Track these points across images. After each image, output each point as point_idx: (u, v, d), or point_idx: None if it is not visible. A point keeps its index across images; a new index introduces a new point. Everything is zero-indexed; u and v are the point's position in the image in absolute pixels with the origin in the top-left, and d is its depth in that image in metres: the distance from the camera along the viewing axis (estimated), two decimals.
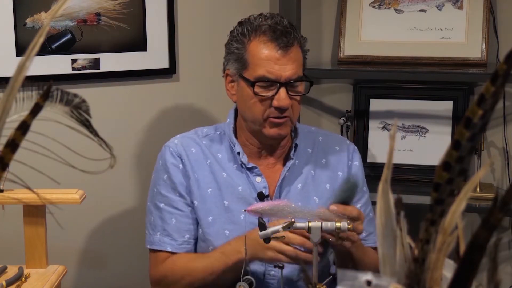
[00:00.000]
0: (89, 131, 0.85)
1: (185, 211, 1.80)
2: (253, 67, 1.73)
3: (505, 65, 0.64)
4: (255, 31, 1.74)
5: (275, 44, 1.72)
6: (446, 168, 0.67)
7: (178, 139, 1.85)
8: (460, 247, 0.75)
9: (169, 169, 1.81)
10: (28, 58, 0.74)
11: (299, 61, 1.75)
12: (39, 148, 0.83)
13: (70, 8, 2.17)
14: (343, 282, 0.69)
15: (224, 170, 1.82)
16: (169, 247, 1.78)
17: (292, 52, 1.73)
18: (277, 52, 1.71)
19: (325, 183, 1.84)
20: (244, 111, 1.79)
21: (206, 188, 1.80)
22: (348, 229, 1.50)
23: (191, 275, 1.74)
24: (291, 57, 1.72)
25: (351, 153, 1.89)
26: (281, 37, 1.72)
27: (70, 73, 2.21)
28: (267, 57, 1.72)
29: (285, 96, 1.71)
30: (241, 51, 1.75)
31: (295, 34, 1.75)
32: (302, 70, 1.77)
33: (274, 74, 1.71)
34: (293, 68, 1.72)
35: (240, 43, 1.76)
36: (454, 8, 2.49)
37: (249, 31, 1.75)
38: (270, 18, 1.77)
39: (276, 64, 1.71)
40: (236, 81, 1.78)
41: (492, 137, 2.53)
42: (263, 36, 1.73)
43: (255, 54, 1.73)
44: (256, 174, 1.80)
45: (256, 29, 1.74)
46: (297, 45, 1.76)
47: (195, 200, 1.79)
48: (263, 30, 1.74)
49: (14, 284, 1.57)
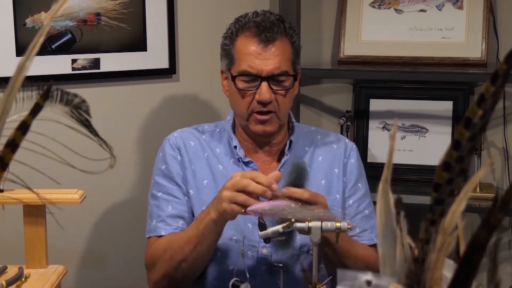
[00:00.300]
0: (89, 131, 0.85)
1: (181, 199, 1.81)
2: (238, 62, 1.78)
3: (505, 65, 0.64)
4: (242, 28, 1.79)
5: (257, 39, 1.75)
6: (446, 168, 0.67)
7: (178, 132, 1.90)
8: (460, 247, 0.75)
9: (167, 160, 1.85)
10: (28, 58, 0.74)
11: (284, 56, 1.77)
12: (39, 148, 0.83)
13: (70, 8, 2.17)
14: (343, 282, 0.69)
15: (221, 163, 1.85)
16: (162, 232, 1.78)
17: (275, 46, 1.75)
18: (258, 46, 1.75)
19: (321, 180, 1.84)
20: (233, 107, 1.84)
21: (202, 180, 1.82)
22: (348, 229, 1.50)
23: (171, 248, 1.72)
24: (273, 51, 1.75)
25: (348, 150, 1.89)
26: (264, 32, 1.75)
27: (70, 73, 2.21)
28: (249, 52, 1.76)
29: (266, 90, 1.74)
30: (229, 47, 1.80)
31: (280, 29, 1.77)
32: (289, 65, 1.78)
33: (255, 68, 1.75)
34: (275, 63, 1.75)
35: (229, 39, 1.81)
36: (454, 8, 2.49)
37: (236, 28, 1.80)
38: (259, 15, 1.80)
39: (257, 58, 1.75)
40: (228, 77, 1.82)
41: (492, 137, 2.53)
42: (248, 32, 1.77)
43: (240, 50, 1.78)
44: (252, 168, 1.82)
45: (243, 26, 1.79)
46: (284, 39, 1.78)
47: (191, 190, 1.81)
48: (248, 26, 1.78)
49: (14, 284, 1.57)
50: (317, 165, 1.87)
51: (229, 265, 1.78)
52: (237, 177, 1.57)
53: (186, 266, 1.71)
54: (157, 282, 1.76)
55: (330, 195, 1.82)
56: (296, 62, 1.82)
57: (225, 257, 1.78)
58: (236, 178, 1.57)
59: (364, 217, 1.84)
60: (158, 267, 1.75)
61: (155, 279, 1.76)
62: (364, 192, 1.87)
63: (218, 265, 1.79)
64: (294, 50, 1.81)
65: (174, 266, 1.71)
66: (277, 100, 1.77)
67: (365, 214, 1.85)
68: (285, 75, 1.77)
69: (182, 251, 1.69)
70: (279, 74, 1.76)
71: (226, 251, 1.78)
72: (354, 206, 1.84)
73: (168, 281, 1.75)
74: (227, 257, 1.78)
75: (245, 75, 1.76)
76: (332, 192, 1.84)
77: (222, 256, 1.78)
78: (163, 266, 1.74)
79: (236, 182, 1.55)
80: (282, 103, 1.78)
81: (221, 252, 1.78)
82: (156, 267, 1.76)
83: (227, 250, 1.78)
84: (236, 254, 1.77)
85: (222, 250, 1.78)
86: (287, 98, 1.79)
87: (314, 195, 1.57)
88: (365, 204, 1.86)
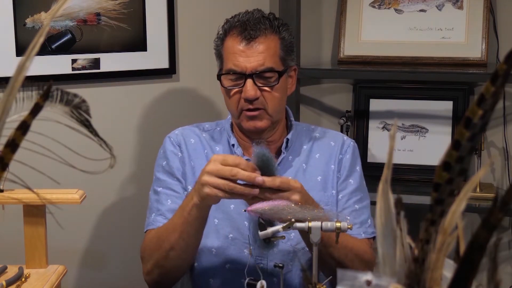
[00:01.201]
0: (89, 131, 0.85)
1: (181, 194, 1.82)
2: (225, 62, 1.81)
3: (505, 65, 0.64)
4: (229, 28, 1.81)
5: (241, 37, 1.77)
6: (446, 168, 0.67)
7: (179, 130, 1.92)
8: (460, 247, 0.75)
9: (168, 156, 1.86)
10: (28, 58, 0.74)
11: (269, 52, 1.77)
12: (39, 148, 0.83)
13: (70, 8, 2.17)
14: (343, 282, 0.69)
15: None
16: (160, 225, 1.78)
17: (259, 43, 1.76)
18: (241, 44, 1.77)
19: (317, 176, 1.85)
20: (226, 106, 1.85)
21: None
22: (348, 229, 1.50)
23: (159, 237, 1.72)
24: (256, 48, 1.76)
25: (345, 147, 1.89)
26: (247, 30, 1.77)
27: (70, 73, 2.21)
28: (233, 51, 1.78)
29: (251, 87, 1.75)
30: (219, 47, 1.83)
31: (265, 26, 1.78)
32: (276, 61, 1.79)
33: (239, 66, 1.76)
34: (258, 60, 1.76)
35: (220, 40, 1.83)
36: (454, 8, 2.49)
37: (225, 29, 1.82)
38: (248, 14, 1.82)
39: (240, 56, 1.77)
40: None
41: (492, 137, 2.53)
42: (234, 31, 1.79)
43: (226, 49, 1.80)
44: None
45: (230, 26, 1.81)
46: (271, 35, 1.78)
47: (189, 186, 1.82)
48: (234, 26, 1.80)
49: (14, 284, 1.57)
50: (314, 162, 1.87)
51: (225, 263, 1.78)
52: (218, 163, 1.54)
53: (174, 255, 1.70)
54: (149, 273, 1.77)
55: (327, 191, 1.83)
56: (286, 58, 1.81)
57: (222, 255, 1.79)
58: (218, 165, 1.53)
59: (353, 212, 1.83)
60: (148, 258, 1.76)
61: (147, 270, 1.77)
62: (355, 188, 1.86)
63: (214, 262, 1.79)
64: (283, 46, 1.80)
65: (163, 255, 1.71)
66: (264, 96, 1.77)
67: (355, 208, 1.84)
68: (270, 71, 1.77)
69: (168, 239, 1.69)
70: (263, 71, 1.76)
71: (222, 249, 1.79)
72: (343, 200, 1.84)
73: (159, 272, 1.75)
74: (223, 255, 1.79)
75: (230, 74, 1.78)
76: (328, 188, 1.84)
77: (218, 254, 1.79)
78: (153, 256, 1.74)
79: (223, 170, 1.52)
80: (270, 100, 1.78)
81: (217, 250, 1.79)
82: (147, 257, 1.77)
83: (223, 248, 1.79)
84: (232, 252, 1.78)
85: (219, 248, 1.79)
86: (277, 95, 1.79)
87: (286, 181, 1.54)
88: (355, 199, 1.85)
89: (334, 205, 1.83)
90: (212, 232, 1.79)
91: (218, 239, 1.79)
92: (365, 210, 1.85)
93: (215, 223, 1.79)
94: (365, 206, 1.86)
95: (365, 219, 1.83)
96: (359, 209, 1.84)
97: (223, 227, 1.80)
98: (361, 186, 1.88)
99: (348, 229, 1.49)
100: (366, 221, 1.83)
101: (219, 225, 1.79)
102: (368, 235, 1.82)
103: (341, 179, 1.85)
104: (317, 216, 1.49)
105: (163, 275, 1.75)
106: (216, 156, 1.56)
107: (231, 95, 1.79)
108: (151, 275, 1.77)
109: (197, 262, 1.82)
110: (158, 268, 1.74)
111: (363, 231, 1.81)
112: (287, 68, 1.82)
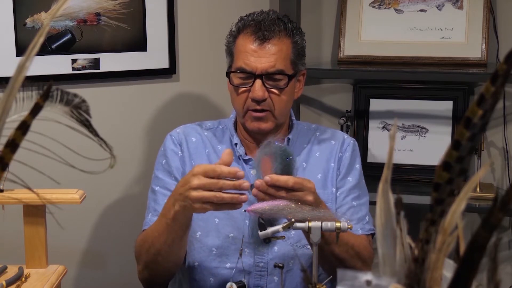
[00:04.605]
0: (89, 131, 0.85)
1: None
2: (236, 59, 1.80)
3: (505, 65, 0.64)
4: (243, 26, 1.80)
5: (254, 37, 1.77)
6: (446, 168, 0.67)
7: (181, 128, 1.92)
8: (460, 247, 0.75)
9: (168, 154, 1.86)
10: (28, 58, 0.73)
11: (281, 54, 1.77)
12: (39, 148, 0.83)
13: (70, 8, 2.17)
14: (343, 282, 0.69)
15: None
16: None
17: (272, 44, 1.76)
18: (254, 44, 1.76)
19: (317, 174, 1.85)
20: (232, 104, 1.85)
21: None
22: (348, 229, 1.50)
23: (147, 241, 1.73)
24: (269, 50, 1.76)
25: (345, 146, 1.89)
26: (261, 30, 1.76)
27: (70, 73, 2.21)
28: (246, 50, 1.77)
29: (259, 88, 1.75)
30: (231, 45, 1.83)
31: (279, 28, 1.78)
32: (287, 64, 1.78)
33: (250, 66, 1.76)
34: (270, 61, 1.75)
35: (232, 37, 1.83)
36: (454, 8, 2.49)
37: (238, 27, 1.82)
38: (262, 14, 1.82)
39: (252, 56, 1.76)
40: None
41: (492, 137, 2.53)
42: (247, 30, 1.79)
43: (238, 47, 1.80)
44: (252, 166, 1.82)
45: (244, 24, 1.80)
46: (284, 38, 1.78)
47: None
48: (248, 25, 1.79)
49: (14, 284, 1.57)
50: (314, 160, 1.87)
51: (225, 263, 1.78)
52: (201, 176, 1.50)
53: (162, 260, 1.70)
54: (140, 272, 1.79)
55: (326, 189, 1.83)
56: (297, 62, 1.81)
57: (222, 254, 1.79)
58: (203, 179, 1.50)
59: (351, 208, 1.83)
60: (139, 259, 1.77)
61: (139, 269, 1.79)
62: (354, 185, 1.86)
63: (214, 262, 1.79)
64: (295, 50, 1.80)
65: (151, 259, 1.72)
66: (272, 98, 1.77)
67: (352, 205, 1.83)
68: (281, 74, 1.77)
69: (154, 245, 1.69)
70: (273, 73, 1.76)
71: (223, 248, 1.79)
72: (341, 197, 1.84)
73: (149, 273, 1.76)
74: (223, 255, 1.79)
75: (240, 72, 1.78)
76: (327, 185, 1.84)
77: (218, 253, 1.79)
78: (143, 258, 1.75)
79: (210, 183, 1.50)
80: (278, 102, 1.78)
81: (217, 249, 1.79)
82: (138, 258, 1.78)
83: (224, 248, 1.79)
84: (233, 251, 1.78)
85: (219, 247, 1.79)
86: (284, 98, 1.79)
87: (300, 181, 1.54)
88: (353, 196, 1.84)
89: (333, 202, 1.83)
90: (212, 231, 1.79)
91: (219, 239, 1.79)
92: (363, 207, 1.85)
93: (215, 223, 1.79)
94: (363, 204, 1.86)
95: (363, 216, 1.83)
96: (356, 205, 1.84)
97: (224, 226, 1.80)
98: (360, 183, 1.88)
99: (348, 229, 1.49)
100: (363, 218, 1.83)
101: (219, 225, 1.79)
102: (365, 232, 1.82)
103: (340, 176, 1.86)
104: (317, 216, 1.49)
105: (153, 276, 1.77)
106: (196, 169, 1.53)
107: (238, 94, 1.79)
108: (142, 275, 1.79)
109: (198, 261, 1.82)
110: (147, 269, 1.76)
111: (360, 227, 1.81)
112: (297, 72, 1.82)
